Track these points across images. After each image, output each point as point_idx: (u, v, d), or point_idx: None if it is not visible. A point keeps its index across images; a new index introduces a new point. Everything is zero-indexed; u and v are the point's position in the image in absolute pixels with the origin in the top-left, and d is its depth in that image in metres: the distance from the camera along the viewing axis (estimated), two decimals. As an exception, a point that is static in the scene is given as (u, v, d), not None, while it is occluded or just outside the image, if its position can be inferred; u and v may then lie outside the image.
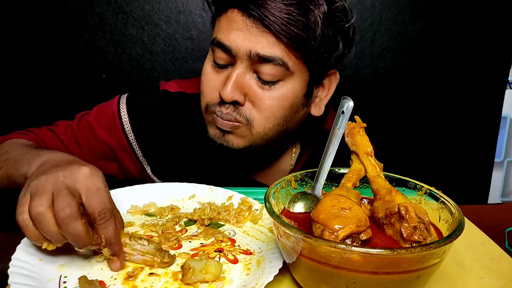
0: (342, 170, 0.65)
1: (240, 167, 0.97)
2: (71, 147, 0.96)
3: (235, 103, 0.83)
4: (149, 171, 0.98)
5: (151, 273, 0.56)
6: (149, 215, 0.73)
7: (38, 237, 0.54)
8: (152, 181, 0.99)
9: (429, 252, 0.45)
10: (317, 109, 0.92)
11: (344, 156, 0.64)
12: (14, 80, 1.39)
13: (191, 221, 0.71)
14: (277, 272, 0.54)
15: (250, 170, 1.00)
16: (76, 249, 0.56)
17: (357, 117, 0.62)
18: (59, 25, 1.36)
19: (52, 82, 1.39)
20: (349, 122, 0.61)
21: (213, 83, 0.85)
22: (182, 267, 0.55)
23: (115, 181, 0.72)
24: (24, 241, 0.58)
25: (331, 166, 0.62)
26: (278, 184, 0.61)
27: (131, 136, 0.95)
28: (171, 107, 0.97)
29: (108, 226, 0.55)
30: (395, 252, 0.43)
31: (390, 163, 0.70)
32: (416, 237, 0.49)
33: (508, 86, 1.65)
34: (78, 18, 1.36)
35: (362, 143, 0.61)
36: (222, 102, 0.83)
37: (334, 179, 0.65)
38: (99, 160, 0.98)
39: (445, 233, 0.54)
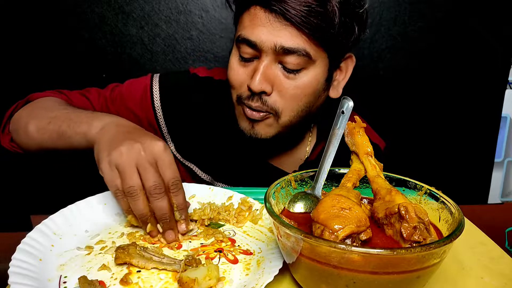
0: (342, 170, 0.65)
1: (257, 152, 1.02)
2: None
3: (263, 93, 0.87)
4: (172, 148, 1.03)
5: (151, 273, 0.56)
6: (149, 215, 0.73)
7: (128, 210, 0.65)
8: (175, 159, 1.04)
9: (429, 252, 0.45)
10: (335, 92, 0.97)
11: (344, 156, 0.64)
12: (14, 80, 1.39)
13: (191, 221, 0.71)
14: (277, 272, 0.54)
15: (267, 156, 1.05)
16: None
17: (357, 117, 0.62)
18: (59, 25, 1.36)
19: (53, 82, 1.39)
20: (349, 122, 0.61)
21: (241, 76, 0.89)
22: (179, 281, 0.53)
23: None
24: (24, 241, 0.58)
25: (331, 166, 0.62)
26: (278, 184, 0.61)
27: (159, 113, 1.00)
28: (200, 89, 1.03)
29: (180, 193, 0.65)
30: (395, 252, 0.43)
31: (390, 163, 0.70)
32: (416, 237, 0.49)
33: (508, 86, 1.65)
34: (78, 18, 1.36)
35: (362, 143, 0.61)
36: (251, 95, 0.88)
37: (334, 179, 0.65)
38: None
39: (445, 233, 0.54)
